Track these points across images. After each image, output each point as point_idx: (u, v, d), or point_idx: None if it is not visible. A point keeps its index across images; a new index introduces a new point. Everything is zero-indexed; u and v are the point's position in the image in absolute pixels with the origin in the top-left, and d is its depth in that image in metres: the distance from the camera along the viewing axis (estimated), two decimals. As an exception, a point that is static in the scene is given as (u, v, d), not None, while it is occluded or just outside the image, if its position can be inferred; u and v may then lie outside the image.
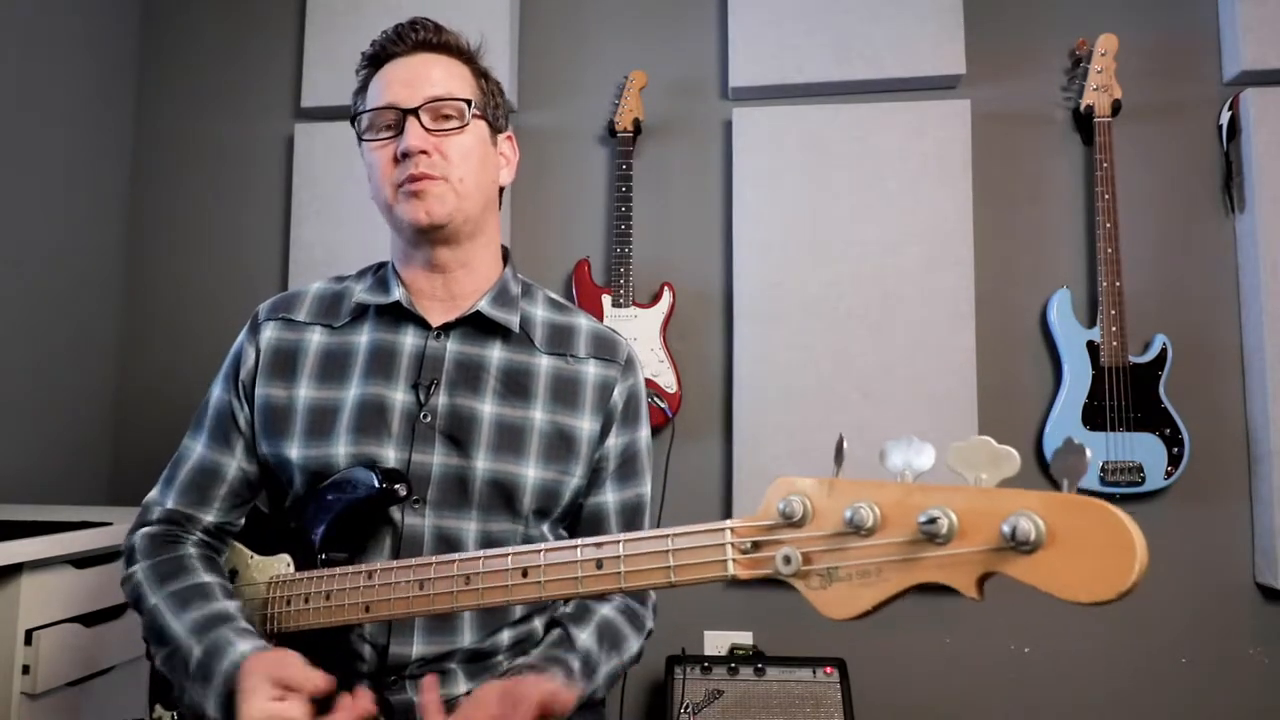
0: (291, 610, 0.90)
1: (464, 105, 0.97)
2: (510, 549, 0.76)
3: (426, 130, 0.95)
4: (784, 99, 2.04)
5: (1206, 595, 1.81)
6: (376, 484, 0.90)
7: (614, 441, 1.02)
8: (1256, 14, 1.84)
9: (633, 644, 0.99)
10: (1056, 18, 1.98)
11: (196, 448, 1.02)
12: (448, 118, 0.97)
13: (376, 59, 1.01)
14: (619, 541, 0.70)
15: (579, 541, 0.73)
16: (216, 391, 1.04)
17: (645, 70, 2.05)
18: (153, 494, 1.04)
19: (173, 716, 0.96)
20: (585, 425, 1.00)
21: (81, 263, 2.11)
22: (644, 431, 1.06)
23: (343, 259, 2.07)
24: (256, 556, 0.98)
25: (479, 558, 0.77)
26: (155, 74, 2.30)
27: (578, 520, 1.03)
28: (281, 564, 0.95)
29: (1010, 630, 1.87)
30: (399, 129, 0.96)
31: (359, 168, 1.03)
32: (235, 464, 1.01)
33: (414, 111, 0.95)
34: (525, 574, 0.74)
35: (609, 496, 1.02)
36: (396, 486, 0.91)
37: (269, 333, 1.02)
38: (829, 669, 1.72)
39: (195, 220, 2.25)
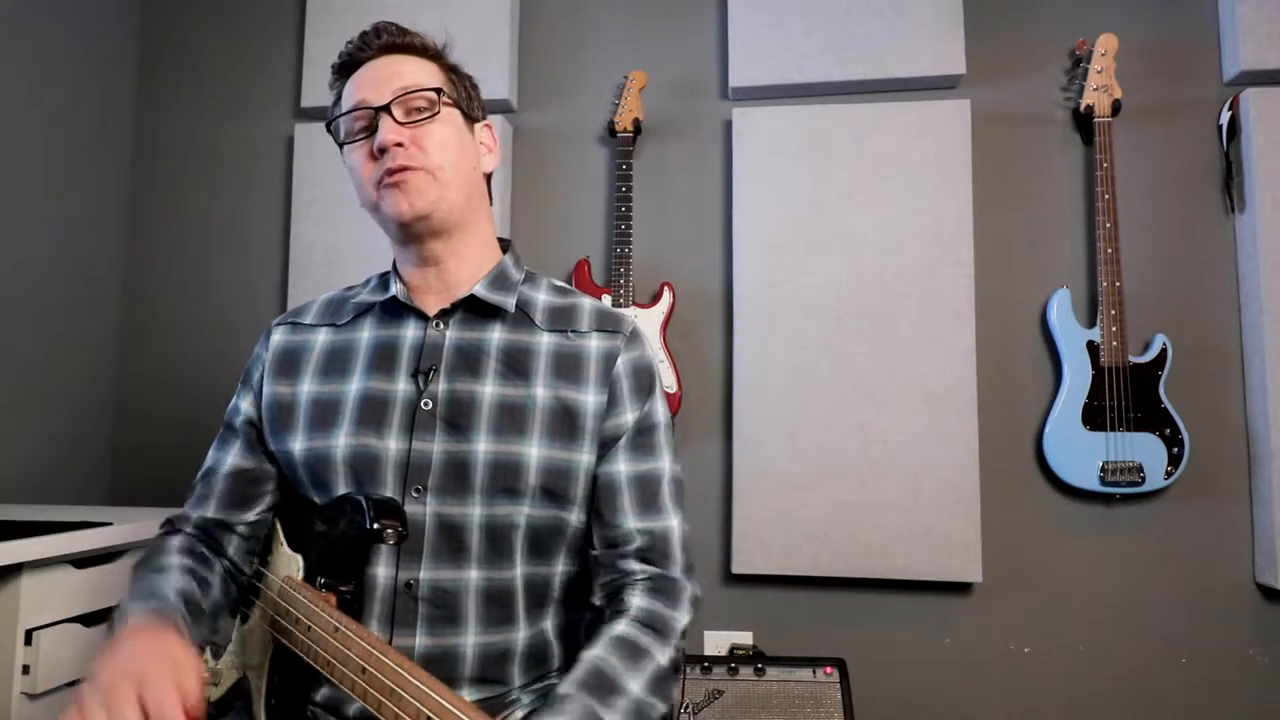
0: (291, 627, 0.87)
1: (434, 94, 0.97)
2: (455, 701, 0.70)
3: (399, 124, 0.95)
4: (784, 99, 2.04)
5: (1206, 595, 1.81)
6: (368, 525, 0.86)
7: (628, 416, 0.98)
8: (1256, 14, 1.83)
9: (657, 655, 0.87)
10: (1056, 18, 1.98)
11: (208, 455, 1.07)
12: (420, 109, 0.97)
13: (346, 68, 1.02)
14: None
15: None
16: (230, 404, 1.08)
17: (645, 70, 2.05)
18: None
19: (211, 655, 0.98)
20: (590, 399, 0.96)
21: (81, 263, 2.11)
22: (659, 405, 1.01)
23: (343, 259, 2.08)
24: (285, 546, 0.99)
25: (430, 692, 0.71)
26: (155, 74, 2.30)
27: (593, 492, 0.98)
28: (295, 565, 0.94)
29: (1010, 630, 1.87)
30: (373, 128, 0.96)
31: (358, 168, 1.03)
32: (230, 459, 1.04)
33: (385, 108, 0.95)
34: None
35: (621, 467, 0.97)
36: (386, 531, 0.86)
37: (277, 336, 1.07)
38: (829, 669, 1.72)
39: (195, 220, 2.25)
